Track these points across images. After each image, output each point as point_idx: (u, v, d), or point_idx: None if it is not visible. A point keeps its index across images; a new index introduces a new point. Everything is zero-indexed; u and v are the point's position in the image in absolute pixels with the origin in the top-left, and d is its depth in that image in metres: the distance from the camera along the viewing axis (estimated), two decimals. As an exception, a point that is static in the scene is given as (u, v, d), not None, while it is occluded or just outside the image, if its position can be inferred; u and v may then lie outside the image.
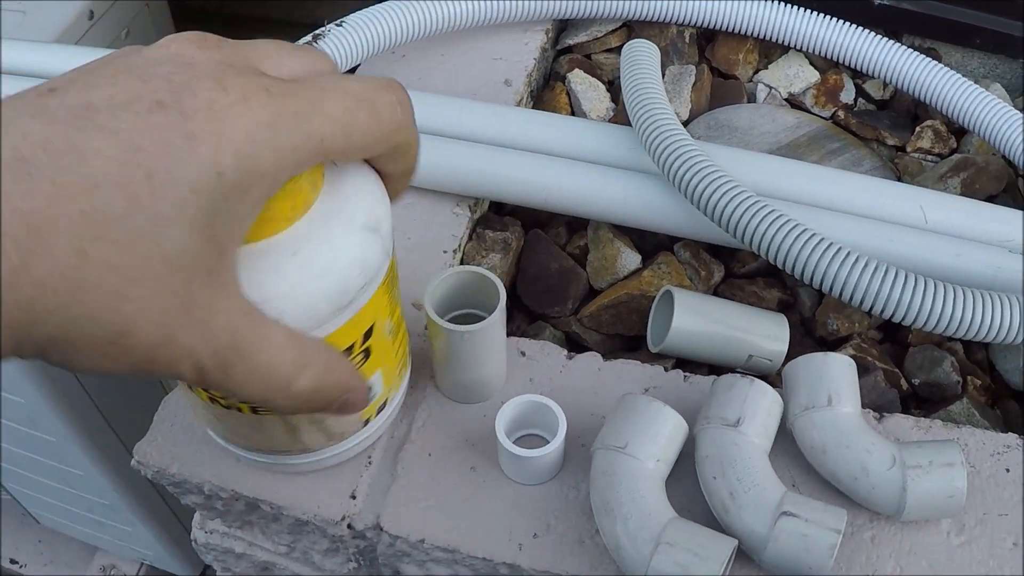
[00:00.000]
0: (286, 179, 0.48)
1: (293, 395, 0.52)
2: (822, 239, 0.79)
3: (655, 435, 0.70)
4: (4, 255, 0.39)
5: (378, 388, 0.69)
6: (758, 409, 0.72)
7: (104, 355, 0.45)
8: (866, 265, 0.78)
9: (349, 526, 0.74)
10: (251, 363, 0.49)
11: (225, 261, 0.47)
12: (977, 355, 0.93)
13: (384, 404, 0.72)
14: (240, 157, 0.44)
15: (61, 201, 0.40)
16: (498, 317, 0.73)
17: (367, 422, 0.71)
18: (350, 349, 0.62)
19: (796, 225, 0.80)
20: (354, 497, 0.74)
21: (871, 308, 0.78)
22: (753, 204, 0.81)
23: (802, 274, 0.80)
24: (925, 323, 0.78)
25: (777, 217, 0.80)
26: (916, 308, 0.77)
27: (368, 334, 0.63)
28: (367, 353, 0.64)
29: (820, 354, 0.75)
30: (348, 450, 0.73)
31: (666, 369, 0.83)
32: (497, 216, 1.00)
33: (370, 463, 0.76)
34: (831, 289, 0.79)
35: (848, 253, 0.78)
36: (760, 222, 0.80)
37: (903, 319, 0.78)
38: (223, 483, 0.75)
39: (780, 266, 0.81)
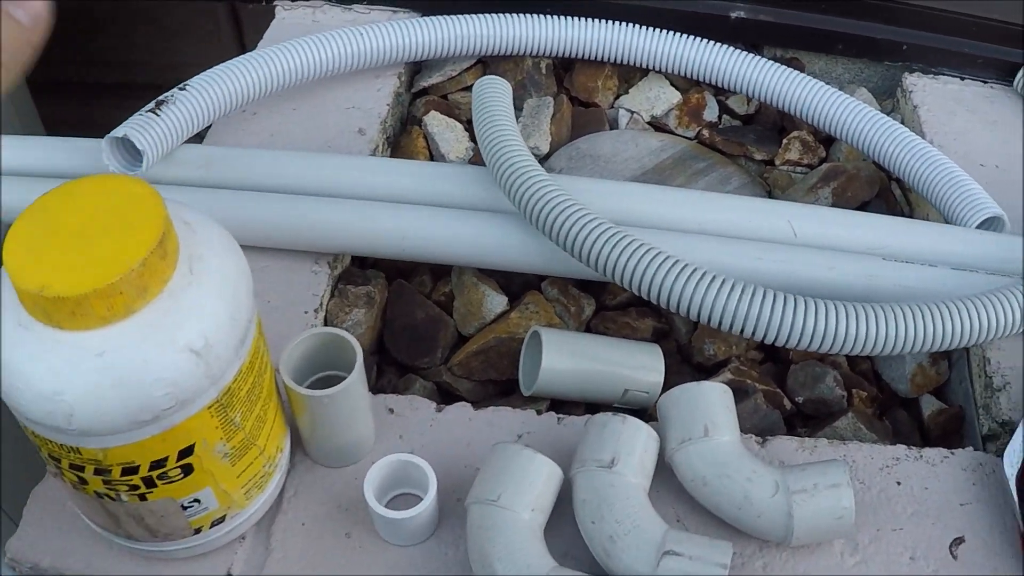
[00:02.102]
0: None
1: None
2: (685, 265, 0.77)
3: (529, 485, 0.68)
4: None
5: (211, 504, 0.65)
6: (633, 447, 0.70)
7: None
8: (732, 288, 0.76)
9: (228, 605, 0.71)
10: None
11: None
12: (862, 365, 0.93)
13: (222, 519, 0.68)
14: None
15: None
16: (356, 377, 0.70)
17: (199, 531, 0.68)
18: (162, 462, 0.59)
19: (658, 253, 0.78)
20: (230, 575, 0.71)
21: (743, 331, 0.77)
22: (612, 236, 0.79)
23: (668, 303, 0.78)
24: (799, 342, 0.77)
25: (638, 247, 0.78)
26: (788, 327, 0.76)
27: (187, 452, 0.60)
28: (187, 469, 0.61)
29: (694, 384, 0.73)
30: (199, 545, 0.70)
31: (539, 412, 0.81)
32: (360, 270, 0.98)
33: (243, 538, 0.73)
34: (699, 316, 0.77)
35: (713, 277, 0.77)
36: (620, 253, 0.78)
37: (776, 340, 0.77)
38: (97, 572, 0.72)
39: (646, 297, 0.79)
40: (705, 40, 1.13)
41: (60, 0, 0.58)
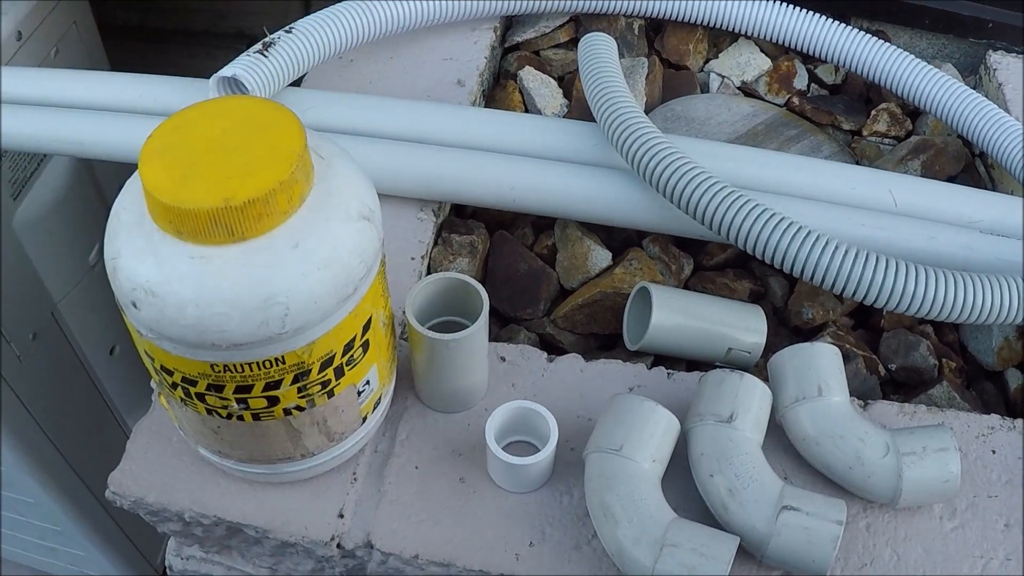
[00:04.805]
0: None
1: None
2: (799, 226, 0.78)
3: (649, 435, 0.69)
4: None
5: (375, 383, 0.68)
6: (750, 403, 0.71)
7: None
8: (847, 251, 0.77)
9: (339, 546, 0.72)
10: None
11: None
12: (948, 337, 0.93)
13: (379, 400, 0.71)
14: None
15: None
16: (482, 324, 0.71)
17: (364, 419, 0.70)
18: (351, 343, 0.61)
19: (773, 214, 0.79)
20: (342, 516, 0.72)
21: (853, 294, 0.78)
22: (728, 195, 0.80)
23: (781, 262, 0.79)
24: (908, 307, 0.77)
25: (753, 207, 0.79)
26: (899, 291, 0.77)
27: (367, 326, 0.62)
28: (366, 346, 0.63)
29: (807, 344, 0.74)
30: (347, 450, 0.72)
31: (648, 367, 0.82)
32: (460, 219, 0.99)
33: (355, 480, 0.74)
34: (811, 276, 0.78)
35: (827, 240, 0.77)
36: (736, 212, 0.79)
37: (885, 303, 0.78)
38: (204, 509, 0.73)
39: (758, 256, 0.80)
40: (796, 7, 1.13)
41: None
